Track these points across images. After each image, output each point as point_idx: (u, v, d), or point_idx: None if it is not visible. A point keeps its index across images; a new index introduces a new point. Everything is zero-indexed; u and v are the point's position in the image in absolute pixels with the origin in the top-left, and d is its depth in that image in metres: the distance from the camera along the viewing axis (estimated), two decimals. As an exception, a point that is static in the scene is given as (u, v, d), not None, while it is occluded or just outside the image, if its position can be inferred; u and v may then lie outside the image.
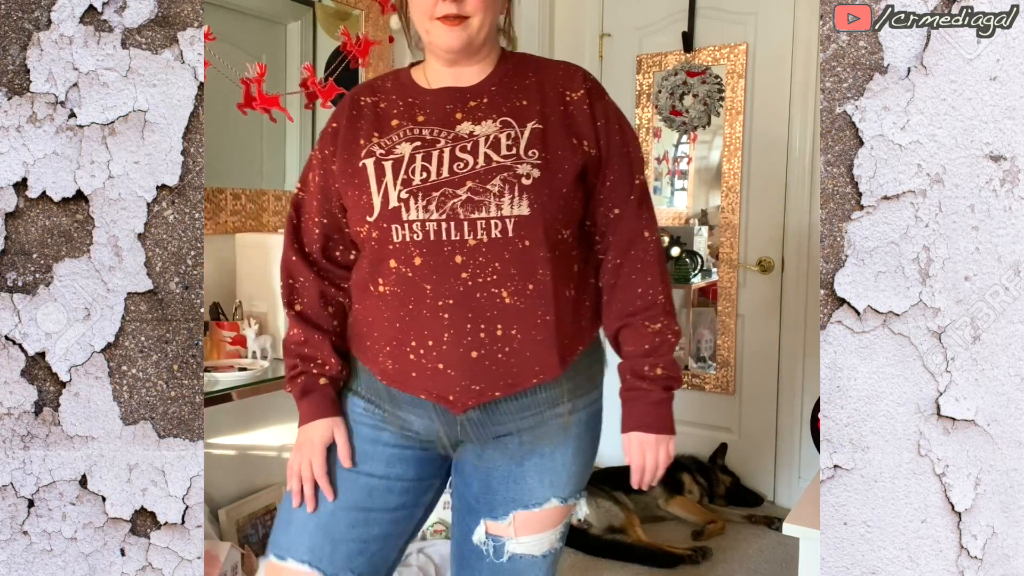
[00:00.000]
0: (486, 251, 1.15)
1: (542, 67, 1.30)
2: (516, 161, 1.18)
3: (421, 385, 1.20)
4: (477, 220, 1.15)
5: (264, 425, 2.40)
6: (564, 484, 1.28)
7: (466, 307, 1.15)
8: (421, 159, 1.19)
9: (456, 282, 1.15)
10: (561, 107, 1.24)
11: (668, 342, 1.27)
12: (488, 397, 1.20)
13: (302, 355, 1.28)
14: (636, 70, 3.44)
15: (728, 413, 3.36)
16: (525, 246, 1.16)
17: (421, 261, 1.15)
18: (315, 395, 1.27)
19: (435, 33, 1.20)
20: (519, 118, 1.22)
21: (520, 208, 1.15)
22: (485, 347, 1.17)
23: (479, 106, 1.23)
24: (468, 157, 1.18)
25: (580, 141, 1.23)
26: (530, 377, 1.20)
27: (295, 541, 1.23)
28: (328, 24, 2.56)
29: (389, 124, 1.24)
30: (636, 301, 1.26)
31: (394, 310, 1.19)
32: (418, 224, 1.15)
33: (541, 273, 1.18)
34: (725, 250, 3.32)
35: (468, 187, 1.16)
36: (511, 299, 1.16)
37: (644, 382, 1.26)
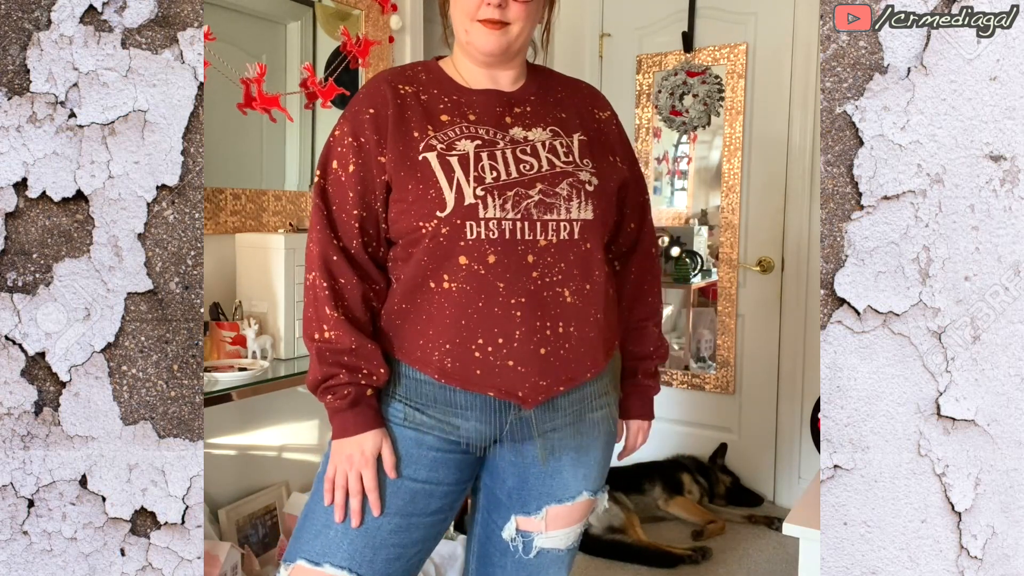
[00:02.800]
0: (555, 251, 1.19)
1: (566, 83, 1.36)
2: (576, 168, 1.23)
3: (489, 382, 1.20)
4: (549, 221, 1.19)
5: (264, 425, 2.40)
6: (595, 477, 1.33)
7: (536, 305, 1.18)
8: (487, 158, 1.19)
9: (528, 280, 1.18)
10: (594, 124, 1.32)
11: (667, 345, 1.43)
12: (554, 392, 1.23)
13: (347, 365, 1.20)
14: (636, 70, 3.44)
15: (728, 413, 3.36)
16: (587, 248, 1.22)
17: (495, 259, 1.16)
18: (363, 406, 1.21)
19: (475, 34, 1.22)
20: (564, 128, 1.27)
21: (586, 212, 1.21)
22: (550, 344, 1.20)
23: (524, 113, 1.26)
24: (531, 160, 1.21)
25: (615, 158, 1.31)
26: (585, 372, 1.25)
27: (333, 547, 1.20)
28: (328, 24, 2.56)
29: (440, 119, 1.22)
30: (647, 308, 1.40)
31: (460, 307, 1.18)
32: (495, 222, 1.16)
33: (597, 274, 1.24)
34: (725, 250, 3.32)
35: (539, 188, 1.19)
36: (572, 298, 1.21)
37: (650, 379, 1.41)
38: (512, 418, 1.23)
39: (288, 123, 2.43)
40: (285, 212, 2.45)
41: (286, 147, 2.54)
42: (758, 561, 2.76)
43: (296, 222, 2.47)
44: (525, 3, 1.21)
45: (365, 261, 1.23)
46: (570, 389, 1.25)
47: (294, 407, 2.47)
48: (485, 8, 1.20)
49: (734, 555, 2.80)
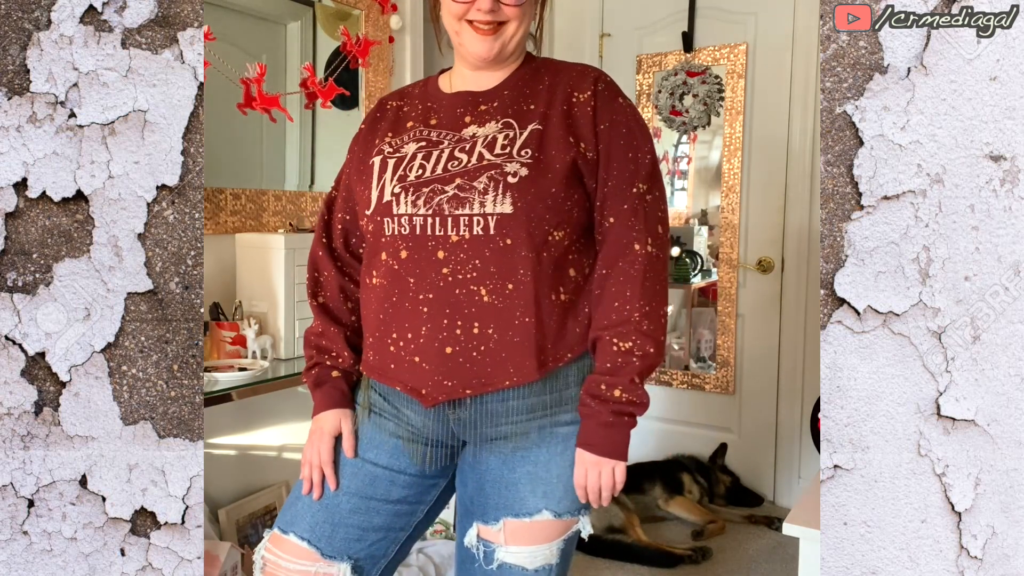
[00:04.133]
0: (467, 248, 1.16)
1: (559, 70, 1.29)
2: (507, 160, 1.17)
3: (398, 377, 1.23)
4: (460, 216, 1.16)
5: (264, 425, 2.40)
6: (559, 498, 1.22)
7: (444, 302, 1.17)
8: (421, 158, 1.21)
9: (437, 277, 1.17)
10: (564, 107, 1.22)
11: (632, 364, 1.18)
12: (459, 394, 1.20)
13: (319, 347, 1.33)
14: (636, 70, 3.44)
15: (728, 413, 3.36)
16: (506, 244, 1.16)
17: (407, 255, 1.18)
18: (327, 386, 1.31)
19: (466, 39, 1.22)
20: (522, 120, 1.22)
21: (503, 206, 1.15)
22: (460, 344, 1.17)
23: (488, 109, 1.25)
24: (464, 156, 1.19)
25: (577, 142, 1.20)
26: (503, 379, 1.18)
27: (298, 517, 1.27)
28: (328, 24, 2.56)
29: (404, 126, 1.28)
30: (612, 315, 1.19)
31: (380, 302, 1.23)
32: (406, 218, 1.18)
33: (522, 273, 1.16)
34: (725, 250, 3.32)
35: (456, 184, 1.17)
36: (489, 297, 1.16)
37: (595, 401, 1.19)
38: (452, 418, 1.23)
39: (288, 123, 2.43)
40: (285, 212, 2.45)
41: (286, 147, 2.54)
42: (758, 561, 2.76)
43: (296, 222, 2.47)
44: (518, 4, 1.20)
45: (347, 259, 1.35)
46: (482, 394, 1.19)
47: (294, 407, 2.47)
48: (475, 12, 1.19)
49: (734, 555, 2.80)
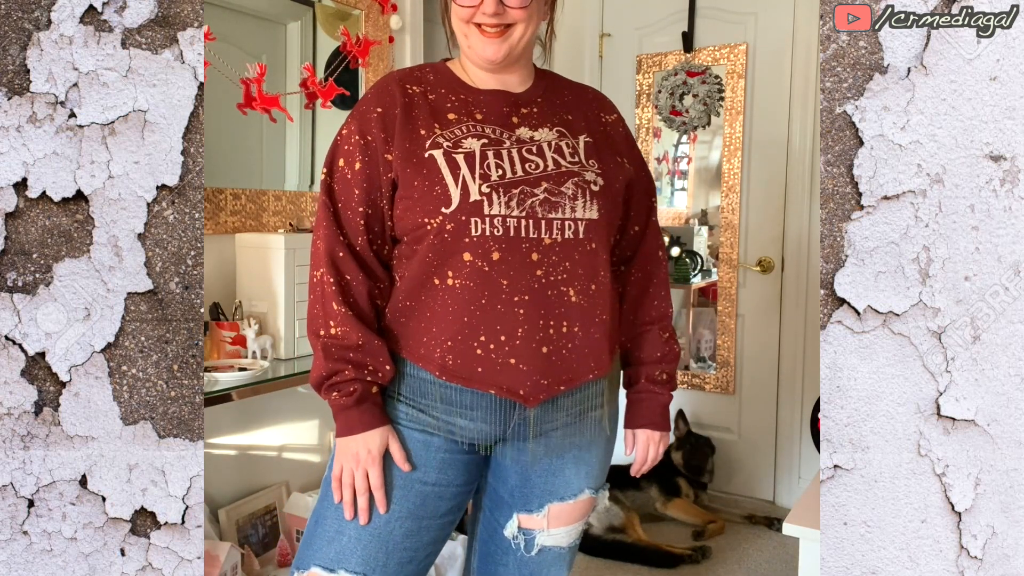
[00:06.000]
0: (559, 250, 1.19)
1: (573, 88, 1.37)
2: (582, 168, 1.23)
3: (490, 380, 1.19)
4: (554, 220, 1.19)
5: (264, 425, 2.40)
6: (597, 475, 1.33)
7: (539, 303, 1.18)
8: (493, 156, 1.20)
9: (532, 279, 1.18)
10: (600, 127, 1.32)
11: (675, 351, 1.38)
12: (555, 391, 1.22)
13: (353, 360, 1.20)
14: (636, 70, 3.44)
15: (728, 413, 3.36)
16: (592, 248, 1.22)
17: (499, 256, 1.17)
18: (369, 404, 1.21)
19: (474, 42, 1.23)
20: (570, 130, 1.28)
21: (591, 212, 1.21)
22: (553, 343, 1.20)
23: (531, 113, 1.27)
24: (537, 159, 1.21)
25: (622, 159, 1.31)
26: (587, 372, 1.24)
27: (347, 552, 1.20)
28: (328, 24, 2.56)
29: (447, 117, 1.23)
30: (653, 312, 1.37)
31: (463, 304, 1.18)
32: (499, 219, 1.17)
33: (602, 275, 1.25)
34: (725, 250, 3.32)
35: (544, 187, 1.19)
36: (577, 298, 1.21)
37: (656, 386, 1.37)
38: (516, 417, 1.23)
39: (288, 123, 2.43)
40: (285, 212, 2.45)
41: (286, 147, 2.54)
42: (758, 561, 2.76)
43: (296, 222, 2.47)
44: (523, 6, 1.21)
45: (371, 258, 1.23)
46: (571, 389, 1.25)
47: (294, 407, 2.47)
48: (481, 15, 1.20)
49: (734, 555, 2.80)
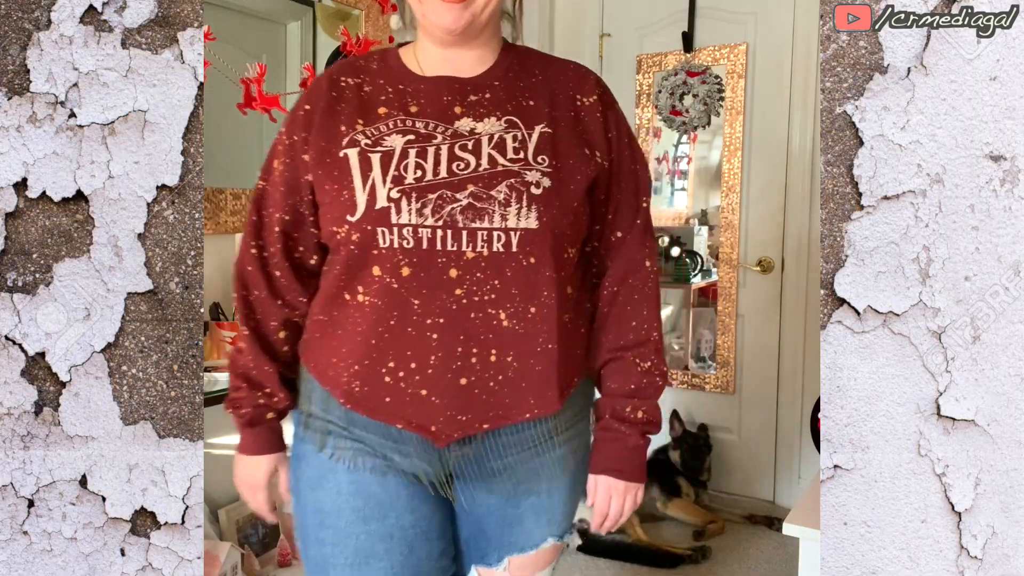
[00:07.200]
0: (485, 266, 1.02)
1: (550, 65, 1.17)
2: (524, 167, 1.05)
3: (397, 412, 1.06)
4: (478, 230, 1.02)
5: (264, 425, 2.39)
6: (561, 521, 1.19)
7: (458, 327, 1.03)
8: (415, 155, 1.05)
9: (449, 299, 1.02)
10: (572, 112, 1.12)
11: (655, 384, 1.16)
12: (474, 429, 1.07)
13: (249, 379, 1.16)
14: (636, 70, 3.44)
15: (728, 413, 3.36)
16: (529, 263, 1.04)
17: (410, 272, 1.02)
18: (261, 428, 1.17)
19: (430, 8, 1.07)
20: (526, 119, 1.09)
21: (528, 220, 1.03)
22: (476, 374, 1.04)
23: (480, 101, 1.10)
24: (469, 157, 1.05)
25: (592, 152, 1.11)
26: (524, 411, 1.08)
27: None
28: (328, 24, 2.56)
29: (376, 112, 1.09)
30: (629, 335, 1.15)
31: (371, 324, 1.05)
32: (409, 229, 1.02)
33: (545, 295, 1.06)
34: (725, 250, 3.32)
35: (470, 191, 1.03)
36: (509, 322, 1.04)
37: (624, 425, 1.15)
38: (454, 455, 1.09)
39: (288, 123, 2.43)
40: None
41: (286, 147, 2.54)
42: (758, 561, 2.76)
43: (296, 222, 2.47)
44: None
45: (285, 269, 1.14)
46: (499, 428, 1.08)
47: (294, 407, 2.46)
48: None
49: (734, 555, 2.80)
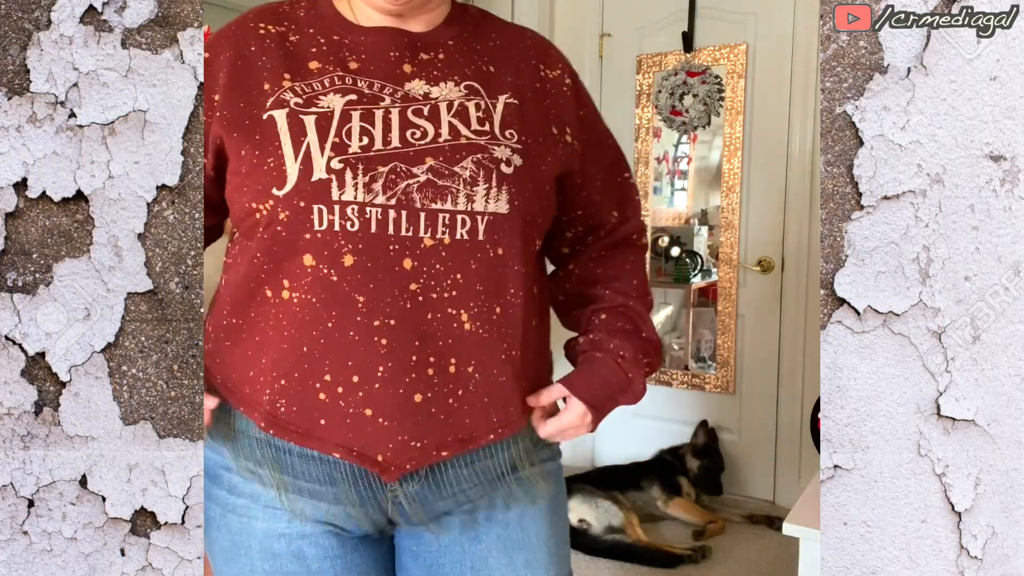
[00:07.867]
0: (446, 256, 0.84)
1: (506, 30, 1.01)
2: (491, 141, 0.88)
3: (334, 436, 0.86)
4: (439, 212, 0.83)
5: (264, 425, 2.39)
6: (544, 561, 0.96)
7: (412, 331, 0.84)
8: (359, 118, 0.86)
9: (402, 295, 0.83)
10: (537, 84, 0.96)
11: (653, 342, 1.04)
12: (432, 458, 0.88)
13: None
14: (636, 70, 3.44)
15: (728, 413, 3.36)
16: (497, 255, 0.86)
17: (354, 261, 0.83)
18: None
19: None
20: (488, 86, 0.93)
21: (497, 204, 0.85)
22: (433, 388, 0.85)
23: (433, 61, 0.92)
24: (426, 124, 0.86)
25: (561, 132, 0.96)
26: (487, 431, 0.90)
27: None
28: (328, 24, 2.55)
29: (306, 66, 0.91)
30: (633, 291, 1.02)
31: (302, 328, 0.86)
32: (355, 208, 0.83)
33: (512, 293, 0.89)
34: (725, 250, 3.32)
35: (428, 165, 0.84)
36: (472, 324, 0.85)
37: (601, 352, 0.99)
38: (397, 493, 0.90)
39: (288, 123, 2.43)
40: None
41: (286, 147, 2.54)
42: (758, 561, 2.76)
43: (296, 222, 2.46)
44: None
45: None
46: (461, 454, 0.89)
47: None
48: None
49: (734, 555, 2.80)
